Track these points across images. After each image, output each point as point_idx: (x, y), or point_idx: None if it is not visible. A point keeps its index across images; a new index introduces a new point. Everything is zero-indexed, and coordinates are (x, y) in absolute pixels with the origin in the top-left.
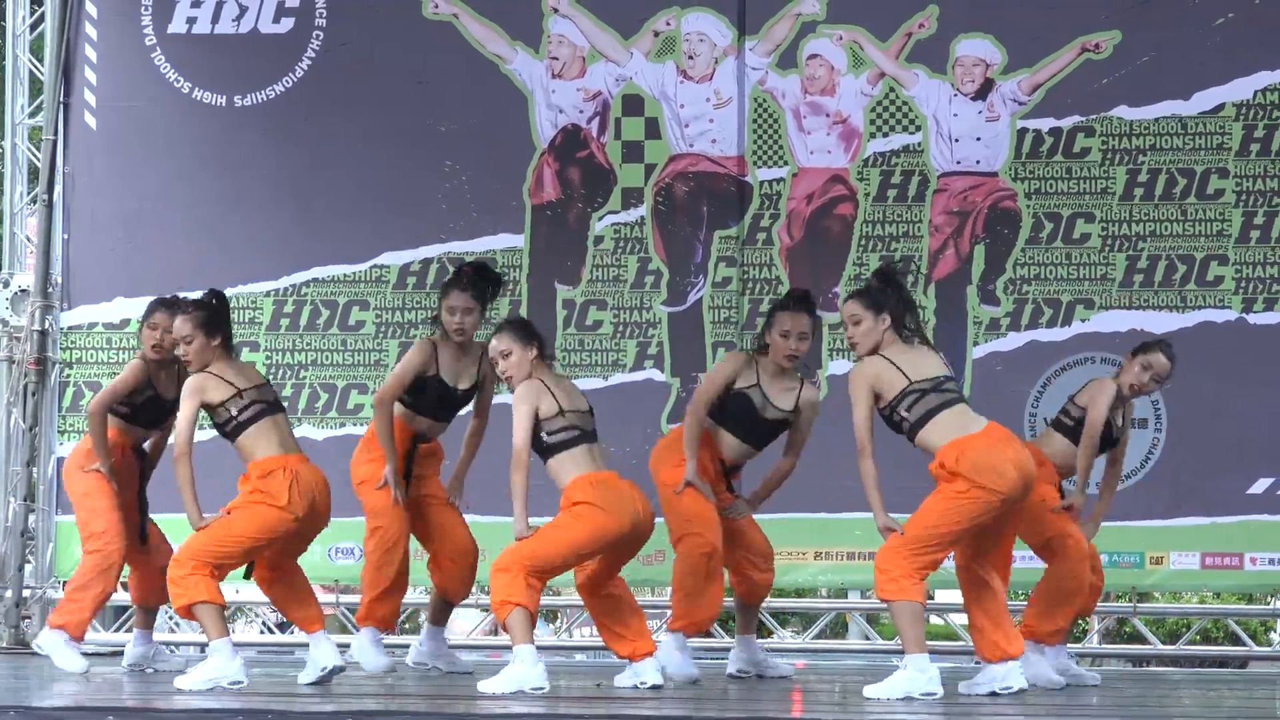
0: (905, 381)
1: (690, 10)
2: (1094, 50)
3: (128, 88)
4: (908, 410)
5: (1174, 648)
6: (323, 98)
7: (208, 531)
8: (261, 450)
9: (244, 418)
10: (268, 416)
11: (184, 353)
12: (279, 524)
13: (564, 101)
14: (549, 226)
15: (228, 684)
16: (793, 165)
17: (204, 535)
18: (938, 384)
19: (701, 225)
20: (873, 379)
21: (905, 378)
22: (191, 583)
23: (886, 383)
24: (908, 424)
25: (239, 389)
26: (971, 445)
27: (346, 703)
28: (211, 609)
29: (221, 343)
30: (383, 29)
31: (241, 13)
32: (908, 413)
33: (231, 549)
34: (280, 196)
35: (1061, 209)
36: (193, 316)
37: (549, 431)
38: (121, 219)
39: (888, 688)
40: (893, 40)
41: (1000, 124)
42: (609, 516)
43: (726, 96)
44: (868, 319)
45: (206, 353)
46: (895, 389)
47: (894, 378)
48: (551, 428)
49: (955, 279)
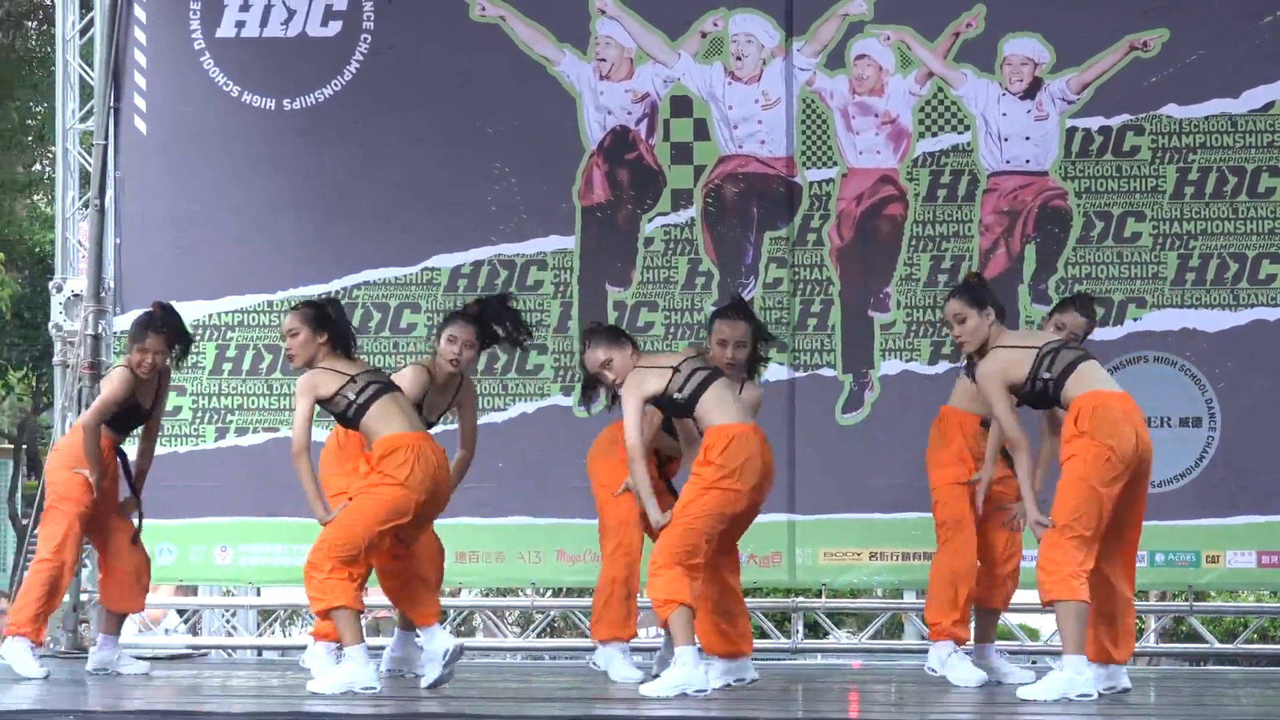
0: (1034, 351)
1: (738, 11)
2: (1142, 48)
3: (177, 92)
4: (1048, 370)
5: (1231, 646)
6: (371, 100)
7: (336, 524)
8: (384, 429)
9: (362, 399)
10: (386, 395)
11: (289, 347)
12: (404, 503)
13: (612, 103)
14: (599, 228)
15: (360, 689)
16: (842, 166)
17: (333, 529)
18: (1065, 342)
19: (751, 226)
20: (1001, 370)
21: (1031, 349)
22: (330, 586)
23: (1016, 364)
24: (1052, 382)
25: (351, 375)
26: (1105, 401)
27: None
28: (349, 614)
29: (329, 340)
30: (429, 32)
31: (289, 16)
32: (1049, 372)
33: (361, 537)
34: (330, 200)
35: (1112, 208)
36: (300, 313)
37: (676, 390)
38: (172, 223)
39: (1043, 689)
40: (940, 40)
41: (1049, 123)
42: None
43: (775, 97)
44: (973, 316)
45: (310, 347)
46: (1028, 363)
47: (1020, 356)
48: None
49: (1006, 278)
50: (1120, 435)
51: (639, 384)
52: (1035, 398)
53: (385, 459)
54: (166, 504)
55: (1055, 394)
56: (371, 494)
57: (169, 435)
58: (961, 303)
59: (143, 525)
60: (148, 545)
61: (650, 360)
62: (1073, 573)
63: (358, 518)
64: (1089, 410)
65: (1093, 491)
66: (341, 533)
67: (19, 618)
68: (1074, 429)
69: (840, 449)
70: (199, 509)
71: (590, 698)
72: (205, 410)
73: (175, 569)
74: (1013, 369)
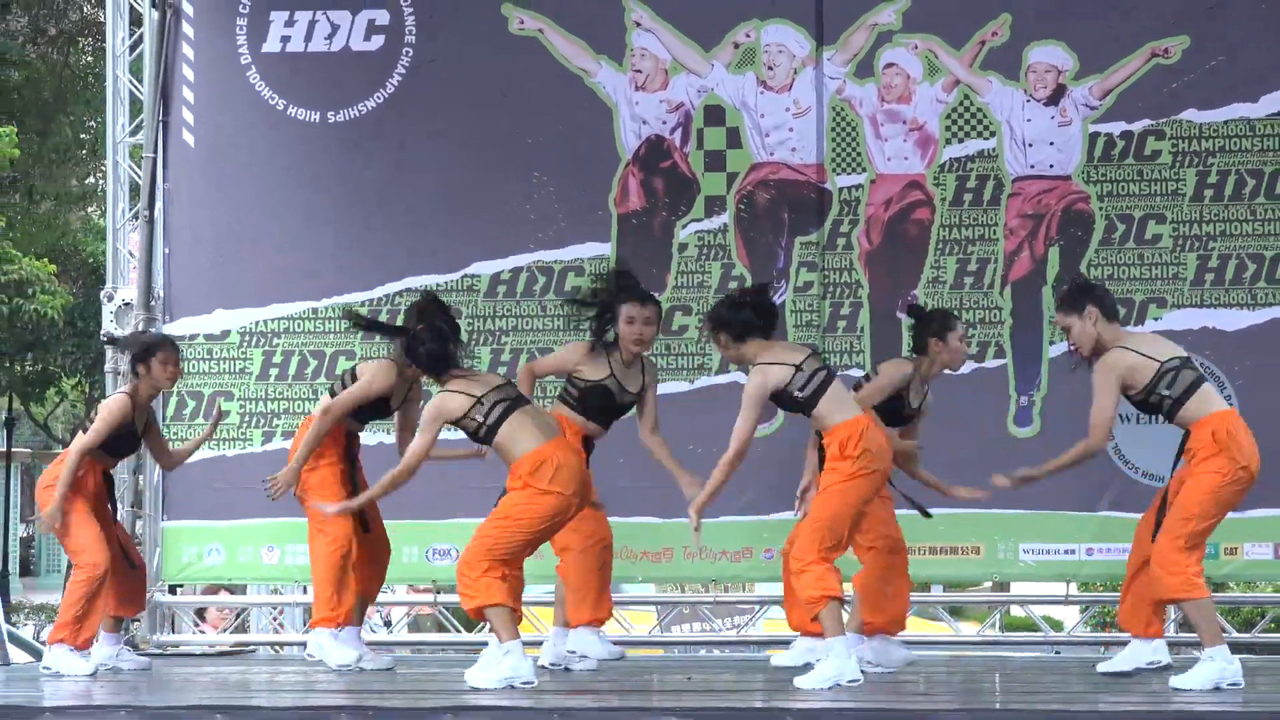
0: (1157, 364)
1: (769, 22)
2: (1163, 55)
3: (224, 105)
4: (1168, 388)
5: (1249, 635)
6: (412, 112)
7: (495, 524)
8: (520, 447)
9: (491, 420)
10: (515, 411)
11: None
12: (561, 507)
13: (647, 113)
14: (634, 235)
15: (520, 684)
16: (871, 172)
17: (490, 529)
18: (1187, 361)
19: (783, 231)
20: (1124, 372)
21: (1155, 361)
22: (483, 585)
23: (1138, 371)
24: (1169, 401)
25: (477, 396)
26: (1235, 422)
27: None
28: (503, 611)
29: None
30: (470, 45)
31: (333, 31)
32: (1169, 390)
33: (519, 540)
34: (372, 209)
35: (1133, 210)
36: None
37: (798, 388)
38: (219, 233)
39: (1196, 679)
40: (966, 48)
41: (1072, 128)
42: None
43: (805, 105)
44: (1075, 323)
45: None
46: (1149, 373)
47: (1144, 365)
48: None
49: (1030, 280)
50: (1253, 457)
51: (764, 377)
52: (1146, 407)
53: (533, 475)
54: (215, 506)
55: (1171, 411)
56: (527, 501)
57: (218, 439)
58: (1062, 314)
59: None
60: (197, 547)
61: (773, 355)
62: (1196, 572)
63: (517, 521)
64: (1224, 432)
65: (1220, 506)
66: (501, 534)
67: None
68: (1214, 445)
69: None
70: (247, 510)
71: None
72: (252, 415)
73: (224, 569)
74: (1133, 374)
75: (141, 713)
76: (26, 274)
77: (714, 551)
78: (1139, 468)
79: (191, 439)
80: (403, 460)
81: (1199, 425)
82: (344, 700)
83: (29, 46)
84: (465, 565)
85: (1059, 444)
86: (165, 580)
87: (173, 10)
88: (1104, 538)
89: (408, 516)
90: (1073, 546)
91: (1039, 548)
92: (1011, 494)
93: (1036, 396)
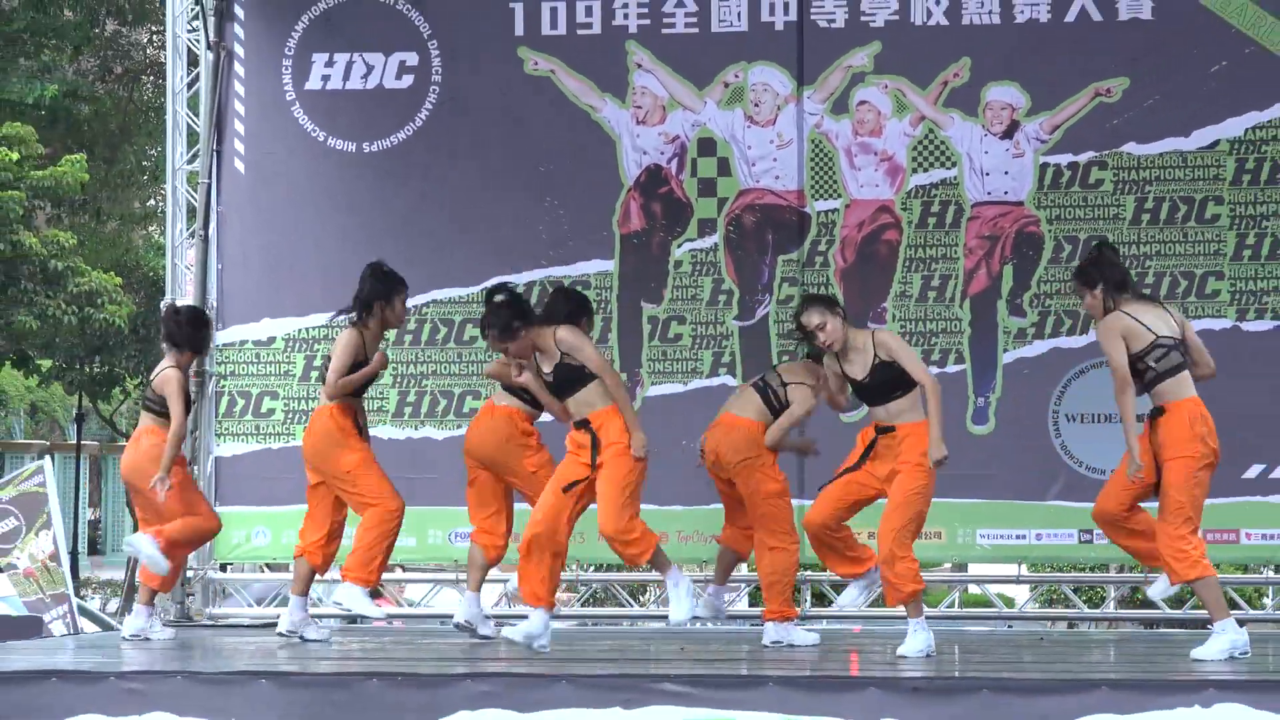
0: (1152, 336)
1: (756, 64)
2: (1106, 94)
3: (271, 137)
4: (1156, 362)
5: (1180, 612)
6: (439, 143)
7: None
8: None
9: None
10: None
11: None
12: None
13: (647, 144)
14: (635, 253)
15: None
16: (845, 197)
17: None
18: (1176, 344)
19: (767, 250)
20: (1122, 330)
21: (1151, 332)
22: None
23: (1134, 335)
24: (1153, 373)
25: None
26: (1204, 409)
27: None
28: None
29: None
30: (490, 84)
31: (369, 71)
32: (1156, 364)
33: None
34: (402, 229)
35: (1079, 233)
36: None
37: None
38: (266, 250)
39: (1212, 649)
40: (931, 88)
41: (1025, 159)
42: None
43: (788, 138)
44: (1085, 293)
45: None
46: (1144, 342)
47: (1140, 333)
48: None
49: (987, 295)
50: (1216, 441)
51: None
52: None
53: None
54: (262, 494)
55: (1151, 383)
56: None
57: (263, 434)
58: (1076, 283)
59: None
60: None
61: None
62: (1200, 554)
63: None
64: (1199, 416)
65: (1201, 487)
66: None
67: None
68: (1190, 431)
69: (844, 443)
70: (290, 498)
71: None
72: (295, 412)
73: (270, 549)
74: (1130, 337)
75: (195, 678)
76: (95, 286)
77: (706, 535)
78: (1083, 462)
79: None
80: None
81: (1176, 406)
82: (376, 667)
83: (98, 84)
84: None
85: (1011, 440)
86: (217, 559)
87: (226, 52)
88: (1052, 524)
89: (433, 503)
90: (1024, 532)
91: (994, 533)
92: (971, 484)
93: (992, 398)
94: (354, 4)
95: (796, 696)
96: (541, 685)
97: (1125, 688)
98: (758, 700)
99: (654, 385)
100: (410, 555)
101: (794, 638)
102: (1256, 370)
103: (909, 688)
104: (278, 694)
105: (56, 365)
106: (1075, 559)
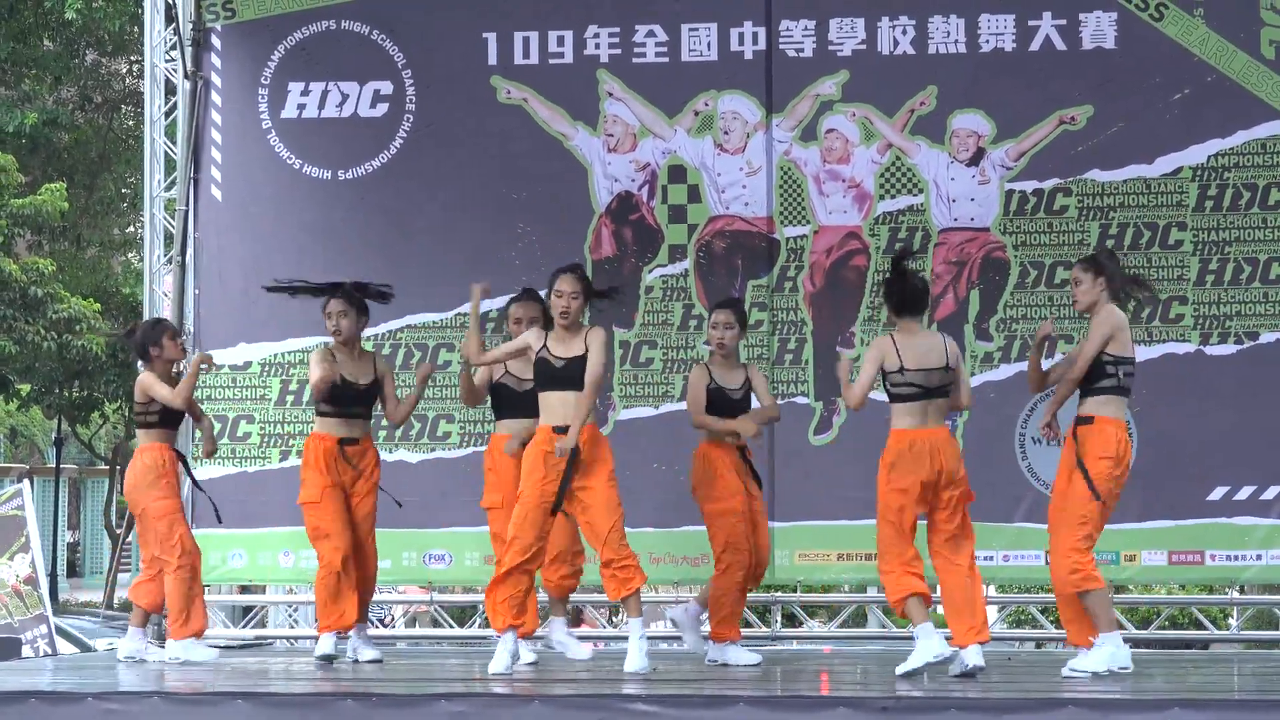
0: (1130, 355)
1: (725, 93)
2: (1070, 122)
3: (248, 164)
4: (1124, 376)
5: (1146, 632)
6: (412, 171)
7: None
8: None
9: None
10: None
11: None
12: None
13: (618, 172)
14: (607, 279)
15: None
16: (814, 224)
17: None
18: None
19: (737, 276)
20: (1120, 326)
21: (1130, 351)
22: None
23: (1123, 340)
24: (1113, 382)
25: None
26: (1124, 433)
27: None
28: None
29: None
30: (463, 112)
31: (343, 100)
32: (1123, 378)
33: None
34: (376, 255)
35: (1044, 258)
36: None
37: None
38: (243, 276)
39: (1090, 662)
40: (898, 116)
41: (991, 186)
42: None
43: (757, 166)
44: (1086, 280)
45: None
46: (1127, 351)
47: (1128, 341)
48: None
49: (954, 319)
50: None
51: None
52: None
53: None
54: (239, 516)
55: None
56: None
57: (240, 457)
58: (1081, 269)
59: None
60: (222, 553)
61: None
62: (1091, 568)
63: None
64: (1124, 439)
65: (1108, 506)
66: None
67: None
68: (1111, 450)
69: (813, 465)
70: (266, 520)
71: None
72: (271, 435)
73: (246, 571)
74: (1120, 336)
75: (172, 698)
76: (74, 312)
77: (677, 557)
78: (1049, 484)
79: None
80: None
81: (1106, 422)
82: (350, 688)
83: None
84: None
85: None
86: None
87: (203, 82)
88: (1019, 545)
89: (407, 525)
90: (991, 553)
91: None
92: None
93: (959, 421)
94: (329, 34)
95: (767, 716)
96: (516, 705)
97: (1092, 706)
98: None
99: (625, 409)
100: (386, 578)
101: (728, 656)
102: (1220, 394)
103: (878, 707)
104: (254, 714)
105: (36, 390)
106: (1043, 580)
